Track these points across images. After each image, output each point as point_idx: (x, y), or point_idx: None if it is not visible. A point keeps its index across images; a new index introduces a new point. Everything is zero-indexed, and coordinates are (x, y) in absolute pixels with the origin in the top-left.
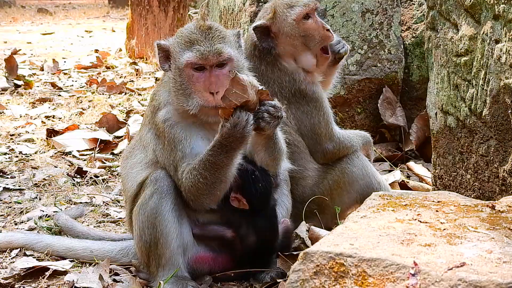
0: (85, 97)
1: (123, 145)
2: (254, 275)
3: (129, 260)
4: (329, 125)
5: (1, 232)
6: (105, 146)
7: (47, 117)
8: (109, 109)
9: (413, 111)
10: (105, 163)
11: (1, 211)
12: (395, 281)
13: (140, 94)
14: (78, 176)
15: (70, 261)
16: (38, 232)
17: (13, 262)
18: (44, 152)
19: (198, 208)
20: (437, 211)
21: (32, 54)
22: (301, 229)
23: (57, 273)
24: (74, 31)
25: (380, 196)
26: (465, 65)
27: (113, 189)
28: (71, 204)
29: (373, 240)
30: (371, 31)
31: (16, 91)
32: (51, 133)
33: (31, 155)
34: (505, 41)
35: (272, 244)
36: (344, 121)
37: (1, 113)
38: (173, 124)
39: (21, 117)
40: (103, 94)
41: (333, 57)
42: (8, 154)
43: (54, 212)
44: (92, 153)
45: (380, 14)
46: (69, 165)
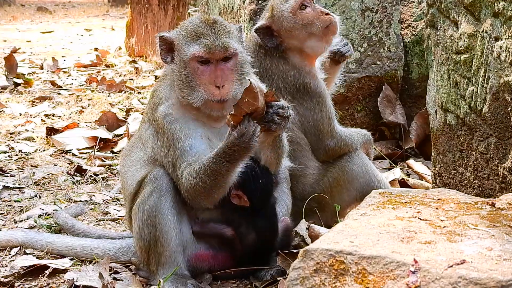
0: (85, 95)
1: (122, 143)
2: (254, 273)
3: (129, 258)
4: (331, 122)
5: (1, 230)
6: (104, 144)
7: (46, 115)
8: (108, 107)
9: (413, 109)
10: (104, 161)
11: (1, 210)
12: (395, 278)
13: (139, 93)
14: (78, 175)
15: (70, 259)
16: (38, 230)
17: (13, 261)
18: (44, 150)
19: (195, 207)
20: (437, 208)
21: (31, 53)
22: (301, 227)
23: (57, 272)
24: (73, 29)
25: (380, 193)
26: (464, 63)
27: (113, 187)
28: (71, 203)
29: (373, 238)
30: (370, 29)
31: (16, 89)
32: (51, 131)
33: (31, 153)
34: (505, 38)
35: (272, 243)
36: (344, 119)
37: (0, 111)
38: (173, 120)
39: (20, 115)
40: (102, 93)
41: (337, 58)
42: (8, 152)
43: (53, 210)
44: (92, 151)
45: (379, 12)
46: (69, 163)
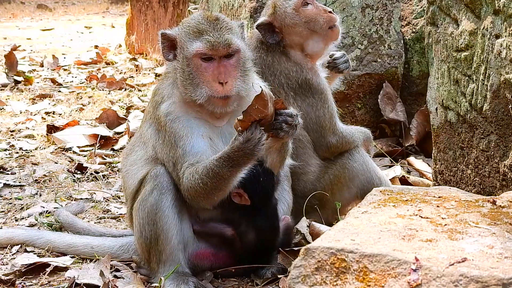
0: (85, 93)
1: (123, 141)
2: (255, 271)
3: (130, 256)
4: (333, 119)
5: (1, 228)
6: (105, 142)
7: (47, 113)
8: (109, 105)
9: (413, 106)
10: (105, 159)
11: (2, 208)
12: (396, 276)
13: (140, 90)
14: (79, 172)
15: (71, 257)
16: (38, 228)
17: (13, 259)
18: (45, 148)
19: (194, 206)
20: (438, 206)
21: (32, 50)
22: (302, 224)
23: (58, 269)
24: (73, 27)
25: (381, 191)
26: (465, 60)
27: (113, 185)
28: (72, 200)
29: (374, 236)
30: (371, 26)
31: (16, 87)
32: (51, 129)
33: (31, 151)
34: (505, 36)
35: (272, 244)
36: (345, 116)
37: (1, 109)
38: (175, 118)
39: (21, 113)
40: (103, 90)
41: (334, 71)
42: (9, 150)
43: (54, 208)
44: (93, 149)
45: (380, 9)
46: (70, 161)
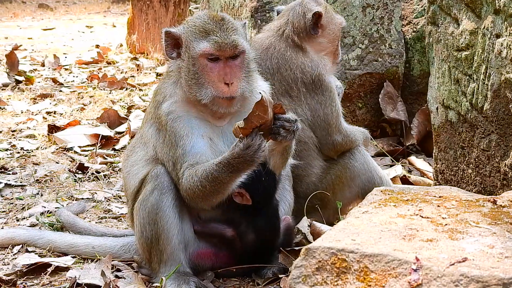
0: (86, 92)
1: (124, 141)
2: (256, 270)
3: (131, 256)
4: (339, 118)
5: (3, 228)
6: (106, 141)
7: (48, 112)
8: (110, 104)
9: (414, 105)
10: (106, 158)
11: (3, 207)
12: (397, 276)
13: (141, 90)
14: (80, 172)
15: (72, 257)
16: (40, 228)
17: (15, 259)
18: (46, 148)
19: (193, 207)
20: (438, 206)
21: (33, 50)
22: (303, 224)
23: (59, 269)
24: (75, 26)
25: (381, 191)
26: (466, 60)
27: (114, 184)
28: (73, 200)
29: (375, 236)
30: (372, 25)
31: (17, 87)
32: (53, 129)
33: (32, 151)
34: (506, 35)
35: (272, 244)
36: (345, 116)
37: (2, 109)
38: (176, 118)
39: (22, 113)
40: (104, 90)
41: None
42: (10, 150)
43: (55, 208)
44: (94, 148)
45: (380, 8)
46: (71, 161)
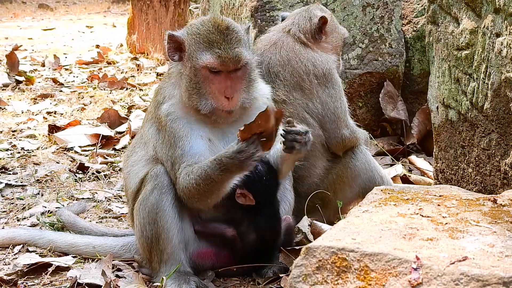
0: (87, 92)
1: (124, 141)
2: (257, 270)
3: (132, 256)
4: (346, 113)
5: (3, 228)
6: (107, 141)
7: (48, 113)
8: (110, 104)
9: (415, 105)
10: (107, 158)
11: (4, 207)
12: (397, 275)
13: (141, 89)
14: (80, 172)
15: (73, 257)
16: (40, 228)
17: (15, 258)
18: (46, 148)
19: (190, 207)
20: (439, 205)
21: (33, 50)
22: (303, 223)
23: (60, 269)
24: (75, 26)
25: (382, 190)
26: (466, 59)
27: (115, 184)
28: (73, 200)
29: (375, 235)
30: (372, 25)
31: (18, 87)
32: (53, 129)
33: (33, 151)
34: (506, 34)
35: (273, 244)
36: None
37: (3, 109)
38: (175, 119)
39: (22, 113)
40: (104, 90)
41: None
42: (10, 150)
43: (56, 208)
44: (94, 148)
45: (381, 8)
46: (71, 160)
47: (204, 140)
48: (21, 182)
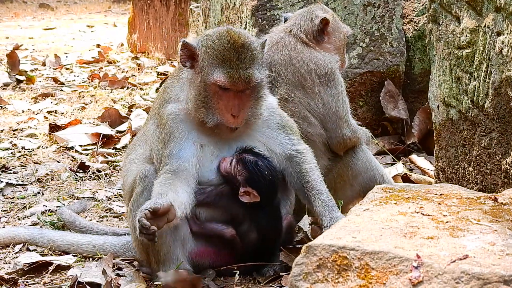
0: (87, 92)
1: (125, 140)
2: (258, 269)
3: (132, 255)
4: (348, 112)
5: (4, 227)
6: (107, 140)
7: (49, 112)
8: (111, 103)
9: (415, 104)
10: (107, 157)
11: (4, 206)
12: (398, 273)
13: (142, 89)
14: (81, 171)
15: (73, 255)
16: (41, 227)
17: (16, 257)
18: (47, 147)
19: None
20: (439, 203)
21: (34, 49)
22: (304, 222)
23: (61, 268)
24: (75, 26)
25: (382, 189)
26: (467, 58)
27: (115, 183)
28: (74, 199)
29: (375, 233)
30: (372, 24)
31: (18, 86)
32: (54, 128)
33: (33, 150)
34: (507, 33)
35: (274, 243)
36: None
37: (3, 108)
38: (177, 120)
39: (23, 112)
40: (105, 89)
41: None
42: (11, 149)
43: (57, 207)
44: (95, 147)
45: (381, 7)
46: (72, 160)
47: (196, 146)
48: (22, 181)
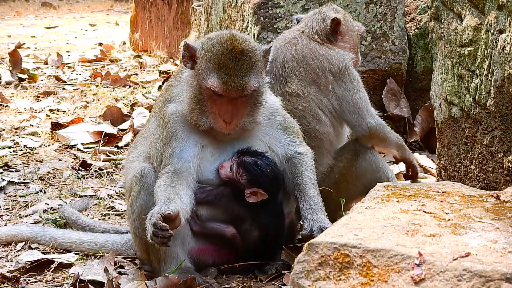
0: (89, 90)
1: (127, 138)
2: (260, 267)
3: (134, 253)
4: (368, 104)
5: (6, 225)
6: (109, 139)
7: (51, 110)
8: (113, 102)
9: (418, 102)
10: (109, 156)
11: (6, 205)
12: (400, 271)
13: (144, 87)
14: (83, 169)
15: (75, 253)
16: (43, 225)
17: (18, 255)
18: (49, 145)
19: None
20: (441, 201)
21: (36, 48)
22: None
23: (62, 266)
24: (78, 24)
25: (384, 186)
26: (469, 56)
27: (117, 182)
28: (76, 197)
29: (377, 231)
30: (375, 22)
31: (21, 84)
32: (56, 126)
33: (35, 148)
34: (509, 31)
35: (276, 241)
36: None
37: (5, 106)
38: (179, 120)
39: (25, 110)
40: (107, 87)
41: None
42: (13, 147)
43: (58, 205)
44: (97, 146)
45: (384, 5)
46: (74, 158)
47: (197, 146)
48: (24, 180)
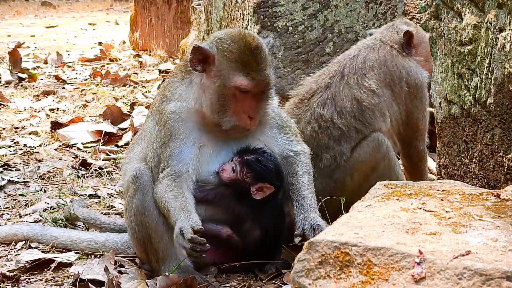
0: (89, 89)
1: (127, 137)
2: (260, 266)
3: (134, 252)
4: (426, 128)
5: (6, 224)
6: (109, 138)
7: (51, 109)
8: (113, 101)
9: None
10: (109, 155)
11: (6, 204)
12: (400, 269)
13: (144, 86)
14: (83, 168)
15: (75, 253)
16: (43, 224)
17: (18, 255)
18: (49, 144)
19: None
20: (442, 200)
21: (35, 47)
22: None
23: (62, 265)
24: (77, 24)
25: (385, 185)
26: (469, 54)
27: (117, 181)
28: (76, 196)
29: (378, 229)
30: (374, 21)
31: (20, 84)
32: (56, 125)
33: (35, 147)
34: (509, 29)
35: (277, 240)
36: None
37: (5, 106)
38: (179, 120)
39: (25, 110)
40: (107, 87)
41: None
42: (13, 147)
43: (58, 205)
44: (97, 145)
45: (383, 4)
46: (74, 157)
47: (195, 147)
48: (24, 179)
